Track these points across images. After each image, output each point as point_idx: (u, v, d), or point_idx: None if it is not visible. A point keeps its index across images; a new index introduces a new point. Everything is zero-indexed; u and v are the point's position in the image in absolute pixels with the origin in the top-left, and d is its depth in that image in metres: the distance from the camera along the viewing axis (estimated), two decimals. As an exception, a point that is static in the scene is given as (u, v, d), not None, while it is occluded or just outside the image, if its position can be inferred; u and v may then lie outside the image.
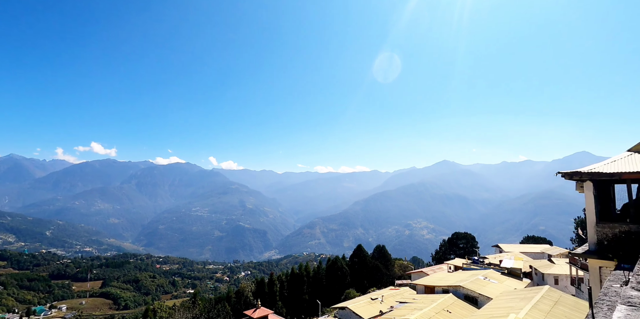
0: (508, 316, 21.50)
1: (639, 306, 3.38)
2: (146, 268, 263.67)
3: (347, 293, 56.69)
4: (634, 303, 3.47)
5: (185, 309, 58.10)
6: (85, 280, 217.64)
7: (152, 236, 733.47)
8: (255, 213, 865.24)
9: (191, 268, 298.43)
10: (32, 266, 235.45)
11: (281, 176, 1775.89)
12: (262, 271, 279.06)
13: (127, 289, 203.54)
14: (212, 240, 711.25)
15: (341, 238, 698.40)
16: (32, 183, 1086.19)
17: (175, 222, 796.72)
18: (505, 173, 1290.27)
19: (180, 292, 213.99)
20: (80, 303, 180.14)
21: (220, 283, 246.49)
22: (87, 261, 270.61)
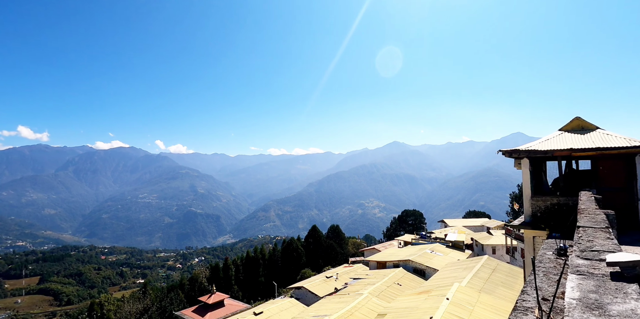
0: (452, 285, 23.04)
1: (587, 275, 3.59)
2: (90, 260, 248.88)
3: (302, 273, 57.76)
4: (583, 272, 3.70)
5: (135, 300, 55.90)
6: (19, 277, 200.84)
7: (95, 227, 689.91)
8: (208, 197, 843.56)
9: (140, 257, 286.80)
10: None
11: (233, 160, 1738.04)
12: (217, 256, 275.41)
13: (70, 284, 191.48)
14: (162, 227, 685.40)
15: (296, 220, 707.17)
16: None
17: (120, 210, 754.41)
18: (449, 153, 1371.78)
19: (130, 283, 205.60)
20: (16, 301, 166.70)
21: (173, 271, 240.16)
22: (20, 257, 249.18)
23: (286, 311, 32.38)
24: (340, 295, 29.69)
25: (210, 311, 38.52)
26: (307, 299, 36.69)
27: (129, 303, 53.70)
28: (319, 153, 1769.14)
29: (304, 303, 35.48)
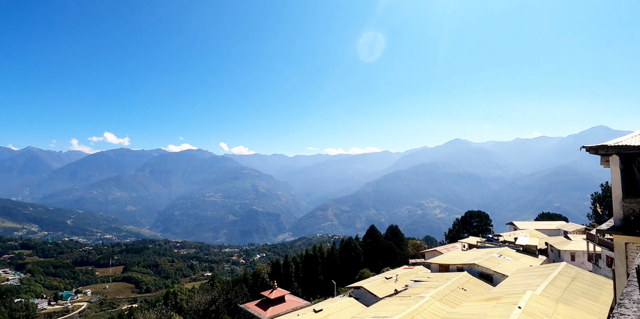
0: (525, 293, 21.26)
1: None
2: (164, 252, 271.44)
3: (361, 272, 57.36)
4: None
5: (204, 291, 59.66)
6: (107, 266, 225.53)
7: (169, 222, 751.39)
8: (268, 196, 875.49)
9: (208, 252, 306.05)
10: (56, 254, 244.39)
11: (292, 160, 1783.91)
12: (277, 253, 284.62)
13: (148, 274, 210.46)
14: (227, 224, 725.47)
15: (353, 219, 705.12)
16: (49, 174, 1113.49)
17: (190, 208, 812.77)
18: (518, 150, 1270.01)
19: (199, 275, 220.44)
20: (104, 287, 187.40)
21: (237, 266, 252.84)
22: (108, 248, 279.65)
23: (345, 310, 32.36)
24: (400, 297, 28.94)
25: (272, 305, 39.86)
26: (366, 299, 36.35)
27: (199, 294, 57.55)
28: (376, 153, 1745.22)
29: (363, 303, 35.19)
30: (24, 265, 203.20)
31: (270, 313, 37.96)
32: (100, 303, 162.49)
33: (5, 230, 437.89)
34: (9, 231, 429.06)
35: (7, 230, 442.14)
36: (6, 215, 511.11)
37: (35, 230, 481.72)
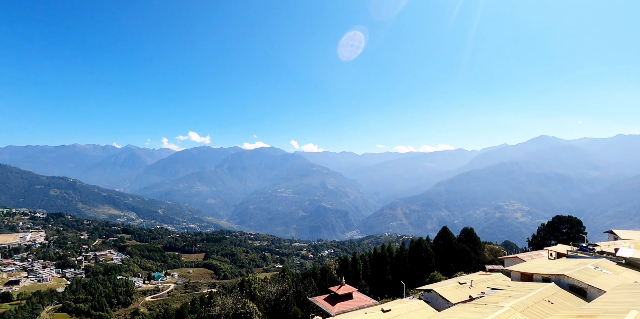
0: (628, 312, 18.62)
1: None
2: (240, 243, 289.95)
3: (432, 275, 55.20)
4: None
5: (275, 282, 62.59)
6: (191, 252, 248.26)
7: (244, 215, 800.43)
8: (336, 194, 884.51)
9: (279, 245, 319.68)
10: (150, 239, 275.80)
11: (361, 158, 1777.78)
12: (345, 250, 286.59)
13: (225, 262, 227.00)
14: (297, 219, 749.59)
15: (424, 220, 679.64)
16: (145, 169, 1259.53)
17: (263, 202, 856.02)
18: (619, 148, 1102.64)
19: (270, 266, 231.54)
20: (188, 271, 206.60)
21: (306, 260, 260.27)
22: (191, 237, 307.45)
23: (415, 313, 31.46)
24: (476, 304, 27.27)
25: (340, 301, 40.34)
26: (437, 303, 34.92)
27: (271, 284, 60.59)
28: (449, 151, 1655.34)
29: (434, 307, 33.85)
30: (125, 247, 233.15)
31: (338, 309, 38.46)
32: (185, 285, 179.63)
33: (110, 216, 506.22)
34: (113, 217, 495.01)
35: (112, 216, 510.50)
36: (111, 203, 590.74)
37: (134, 217, 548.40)
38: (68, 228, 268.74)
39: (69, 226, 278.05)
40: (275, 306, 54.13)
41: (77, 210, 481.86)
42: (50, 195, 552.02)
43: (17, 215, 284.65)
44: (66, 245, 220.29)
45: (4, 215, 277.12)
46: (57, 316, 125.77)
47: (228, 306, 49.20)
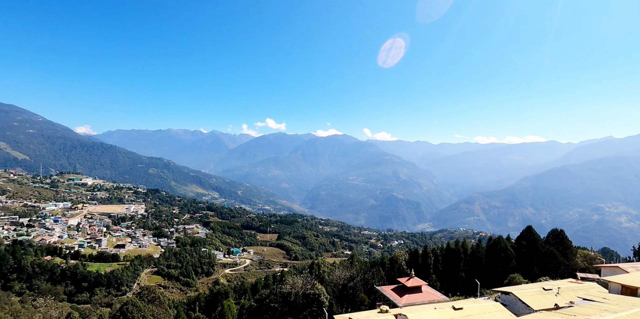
0: None
1: None
2: (311, 227, 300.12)
3: (511, 277, 51.24)
4: None
5: (344, 267, 63.84)
6: (265, 232, 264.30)
7: (315, 200, 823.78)
8: (409, 184, 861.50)
9: (348, 231, 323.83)
10: (230, 217, 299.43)
11: (436, 148, 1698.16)
12: (415, 242, 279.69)
13: (296, 244, 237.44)
14: (367, 207, 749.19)
15: (504, 217, 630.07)
16: (227, 153, 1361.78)
17: (334, 189, 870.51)
18: None
19: (339, 252, 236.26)
20: (263, 250, 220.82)
21: (374, 249, 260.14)
22: (266, 218, 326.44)
23: (490, 315, 29.62)
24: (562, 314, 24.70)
25: (408, 293, 39.68)
26: (516, 308, 32.41)
27: (339, 269, 61.99)
28: (539, 143, 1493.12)
29: (512, 311, 31.47)
30: (208, 223, 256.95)
31: (406, 301, 37.92)
32: (259, 262, 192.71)
33: (197, 194, 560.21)
34: (199, 195, 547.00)
35: (198, 194, 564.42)
36: (198, 183, 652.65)
37: (217, 196, 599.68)
38: (163, 203, 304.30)
39: (163, 201, 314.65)
40: (342, 291, 55.38)
41: (170, 187, 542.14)
42: (149, 173, 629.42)
43: (124, 189, 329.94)
44: (161, 217, 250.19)
45: (114, 189, 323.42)
46: (153, 278, 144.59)
47: (298, 285, 51.64)
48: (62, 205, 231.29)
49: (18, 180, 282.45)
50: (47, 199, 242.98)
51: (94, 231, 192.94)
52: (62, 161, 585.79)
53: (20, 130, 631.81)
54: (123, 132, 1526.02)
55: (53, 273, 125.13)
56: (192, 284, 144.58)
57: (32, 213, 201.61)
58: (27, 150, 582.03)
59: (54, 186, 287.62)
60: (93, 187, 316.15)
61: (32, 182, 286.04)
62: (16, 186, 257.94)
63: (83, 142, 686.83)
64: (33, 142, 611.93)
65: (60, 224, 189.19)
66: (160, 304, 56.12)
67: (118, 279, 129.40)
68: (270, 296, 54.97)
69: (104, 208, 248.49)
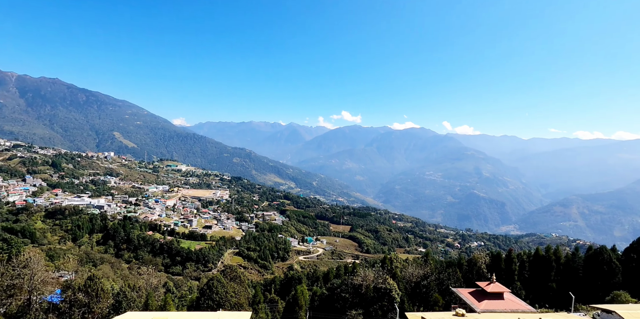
0: None
1: None
2: (384, 221, 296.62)
3: (615, 294, 44.64)
4: None
5: (417, 265, 62.02)
6: (338, 223, 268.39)
7: (389, 195, 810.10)
8: (493, 182, 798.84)
9: (423, 228, 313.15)
10: (305, 206, 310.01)
11: (526, 143, 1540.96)
12: (498, 245, 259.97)
13: (369, 237, 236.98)
14: (444, 204, 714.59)
15: (609, 225, 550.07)
16: (303, 144, 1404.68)
17: (409, 184, 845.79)
18: None
19: (412, 248, 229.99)
20: (335, 240, 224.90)
21: (451, 248, 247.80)
22: (340, 209, 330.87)
23: (586, 334, 26.32)
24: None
25: (488, 299, 37.05)
26: (621, 329, 28.19)
27: (412, 266, 60.36)
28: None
29: (615, 332, 27.48)
30: (285, 211, 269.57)
31: (485, 306, 35.52)
32: (332, 252, 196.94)
33: (274, 183, 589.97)
34: (277, 184, 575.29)
35: (276, 183, 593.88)
36: (276, 172, 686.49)
37: (293, 186, 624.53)
38: (244, 190, 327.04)
39: (245, 188, 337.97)
40: (415, 289, 53.93)
41: (251, 176, 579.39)
42: (233, 162, 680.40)
43: (212, 176, 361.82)
44: (243, 203, 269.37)
45: (204, 175, 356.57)
46: (234, 258, 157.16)
47: (369, 278, 51.61)
48: (162, 188, 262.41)
49: (128, 165, 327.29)
50: (150, 182, 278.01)
51: (187, 212, 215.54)
52: (162, 150, 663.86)
53: (130, 122, 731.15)
54: (212, 123, 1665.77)
55: (153, 246, 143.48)
56: (268, 267, 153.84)
57: (138, 194, 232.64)
58: (135, 139, 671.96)
59: (155, 171, 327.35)
60: (186, 173, 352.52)
61: (138, 167, 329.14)
62: (126, 170, 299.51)
63: (179, 133, 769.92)
64: (140, 132, 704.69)
65: (159, 204, 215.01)
66: (240, 283, 60.77)
67: (205, 256, 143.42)
68: (342, 286, 55.86)
69: (195, 192, 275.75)
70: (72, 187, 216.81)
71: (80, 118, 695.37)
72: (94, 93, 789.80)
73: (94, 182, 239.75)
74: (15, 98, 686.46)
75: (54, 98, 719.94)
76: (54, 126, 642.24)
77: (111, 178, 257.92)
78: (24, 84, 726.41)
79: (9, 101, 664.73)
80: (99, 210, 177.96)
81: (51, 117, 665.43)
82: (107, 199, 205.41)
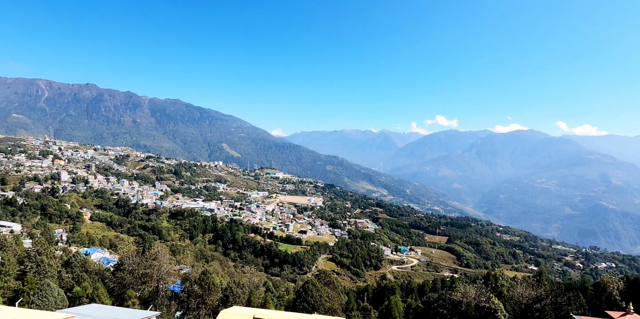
0: None
1: None
2: (486, 234, 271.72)
3: None
4: None
5: (528, 285, 55.03)
6: (434, 234, 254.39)
7: (492, 204, 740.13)
8: (626, 191, 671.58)
9: (534, 243, 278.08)
10: (398, 215, 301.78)
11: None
12: (635, 268, 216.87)
13: (469, 250, 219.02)
14: (561, 217, 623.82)
15: None
16: (396, 151, 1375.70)
17: (516, 193, 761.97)
18: None
19: (521, 266, 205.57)
20: (431, 251, 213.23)
21: (570, 269, 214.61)
22: (435, 219, 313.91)
23: None
24: None
25: (623, 333, 30.95)
26: None
27: (522, 285, 53.69)
28: None
29: None
30: (377, 219, 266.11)
31: (619, 341, 29.78)
32: (427, 263, 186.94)
33: (367, 191, 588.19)
34: (369, 192, 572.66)
35: (368, 191, 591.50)
36: (368, 180, 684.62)
37: (385, 193, 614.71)
38: (337, 197, 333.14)
39: (338, 195, 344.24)
40: (525, 312, 47.93)
41: (343, 183, 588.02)
42: (326, 170, 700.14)
43: (306, 183, 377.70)
44: (335, 210, 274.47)
45: (299, 182, 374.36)
46: (328, 263, 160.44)
47: (470, 295, 47.59)
48: (262, 194, 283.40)
49: (234, 172, 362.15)
50: (252, 188, 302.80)
51: (284, 217, 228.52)
52: (262, 158, 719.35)
53: (235, 134, 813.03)
54: (306, 133, 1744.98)
55: (255, 248, 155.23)
56: (361, 275, 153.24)
57: (242, 199, 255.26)
58: (239, 149, 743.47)
59: (256, 179, 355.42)
60: (283, 180, 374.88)
61: (242, 175, 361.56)
62: (232, 177, 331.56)
63: (276, 143, 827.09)
64: (243, 143, 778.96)
65: (260, 209, 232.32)
66: (334, 288, 61.70)
67: (300, 260, 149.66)
68: (439, 301, 52.65)
69: (291, 198, 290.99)
70: (189, 192, 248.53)
71: (196, 132, 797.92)
72: (206, 110, 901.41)
73: (206, 188, 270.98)
74: (148, 118, 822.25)
75: (176, 116, 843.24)
76: (176, 139, 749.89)
77: (220, 184, 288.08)
78: (153, 106, 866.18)
79: (144, 120, 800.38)
80: (210, 212, 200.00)
81: (174, 132, 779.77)
82: (217, 203, 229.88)
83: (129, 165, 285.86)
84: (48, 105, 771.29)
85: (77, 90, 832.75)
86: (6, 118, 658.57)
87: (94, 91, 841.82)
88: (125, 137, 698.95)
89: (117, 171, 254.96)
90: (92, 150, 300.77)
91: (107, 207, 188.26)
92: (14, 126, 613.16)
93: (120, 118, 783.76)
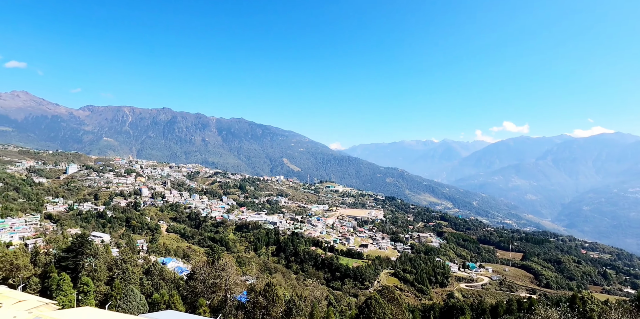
0: None
1: None
2: (569, 250, 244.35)
3: None
4: None
5: (625, 310, 48.28)
6: (506, 250, 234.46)
7: (575, 217, 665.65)
8: None
9: (630, 262, 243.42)
10: (465, 229, 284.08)
11: None
12: None
13: (548, 268, 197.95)
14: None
15: None
16: (459, 161, 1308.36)
17: (604, 204, 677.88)
18: None
19: (614, 288, 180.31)
20: (504, 269, 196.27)
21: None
22: (507, 233, 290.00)
23: None
24: None
25: None
26: None
27: (617, 311, 47.20)
28: None
29: None
30: (442, 233, 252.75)
31: None
32: (500, 282, 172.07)
33: (429, 203, 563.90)
34: (432, 204, 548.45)
35: (431, 203, 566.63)
36: (430, 192, 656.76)
37: (450, 206, 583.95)
38: (398, 210, 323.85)
39: (399, 208, 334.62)
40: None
41: (404, 196, 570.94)
42: (386, 182, 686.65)
43: (366, 196, 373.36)
44: (397, 223, 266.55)
45: (358, 195, 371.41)
46: (390, 279, 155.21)
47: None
48: (322, 207, 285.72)
49: (294, 186, 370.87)
50: (312, 202, 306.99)
51: (344, 230, 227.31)
52: (321, 172, 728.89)
53: (295, 149, 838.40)
54: (364, 145, 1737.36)
55: (316, 261, 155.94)
56: (426, 292, 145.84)
57: (302, 212, 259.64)
58: (299, 163, 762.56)
59: (316, 192, 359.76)
60: (343, 193, 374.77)
61: (302, 188, 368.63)
62: (293, 191, 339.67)
63: (335, 156, 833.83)
64: (302, 157, 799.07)
65: (320, 222, 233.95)
66: (398, 305, 59.62)
67: (362, 274, 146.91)
68: (515, 323, 48.28)
69: (351, 211, 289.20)
70: (253, 206, 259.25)
71: (258, 148, 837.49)
72: (268, 127, 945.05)
73: (268, 201, 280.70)
74: (215, 136, 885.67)
75: (240, 133, 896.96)
76: (241, 156, 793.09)
77: (281, 198, 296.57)
78: (220, 125, 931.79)
79: (212, 139, 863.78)
80: (272, 225, 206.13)
81: (238, 148, 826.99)
82: (279, 216, 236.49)
83: (199, 180, 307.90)
84: (131, 128, 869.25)
85: (155, 114, 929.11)
86: (99, 142, 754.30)
87: (169, 114, 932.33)
88: (195, 154, 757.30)
89: (189, 186, 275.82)
90: (167, 168, 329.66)
91: (181, 220, 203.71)
92: (104, 148, 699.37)
93: (192, 138, 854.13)
